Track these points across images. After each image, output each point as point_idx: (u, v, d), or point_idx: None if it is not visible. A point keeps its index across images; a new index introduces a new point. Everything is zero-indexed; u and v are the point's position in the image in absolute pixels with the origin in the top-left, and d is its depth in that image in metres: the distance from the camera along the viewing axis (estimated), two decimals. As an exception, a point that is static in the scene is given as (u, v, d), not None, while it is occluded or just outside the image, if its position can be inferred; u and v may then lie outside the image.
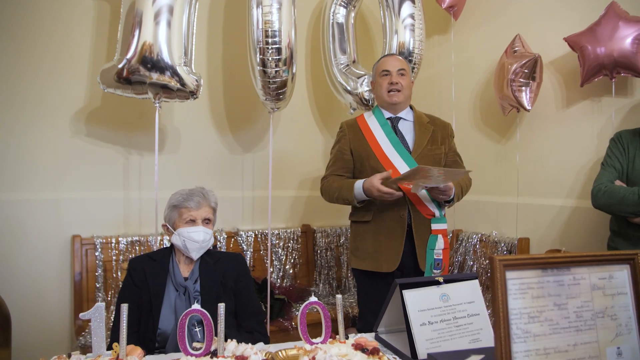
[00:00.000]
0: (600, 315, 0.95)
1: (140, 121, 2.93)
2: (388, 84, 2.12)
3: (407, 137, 2.14)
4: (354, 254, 2.18)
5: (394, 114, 2.17)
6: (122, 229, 2.89)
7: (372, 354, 1.17)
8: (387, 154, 2.08)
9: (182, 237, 1.67)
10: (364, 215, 2.12)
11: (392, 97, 2.13)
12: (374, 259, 2.07)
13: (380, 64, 2.20)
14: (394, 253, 2.05)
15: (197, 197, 1.72)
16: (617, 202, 1.91)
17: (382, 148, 2.10)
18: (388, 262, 2.04)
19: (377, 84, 2.18)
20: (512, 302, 0.90)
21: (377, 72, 2.20)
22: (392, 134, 2.12)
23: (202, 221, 1.71)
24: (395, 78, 2.12)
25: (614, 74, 2.20)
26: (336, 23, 3.13)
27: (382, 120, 2.15)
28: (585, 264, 0.95)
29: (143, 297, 1.64)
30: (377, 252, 2.07)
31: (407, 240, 2.06)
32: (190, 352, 1.17)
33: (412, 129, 2.17)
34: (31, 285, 2.61)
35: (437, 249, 2.06)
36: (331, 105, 3.62)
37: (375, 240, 2.08)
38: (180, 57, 2.27)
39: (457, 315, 1.38)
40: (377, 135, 2.13)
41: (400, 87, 2.12)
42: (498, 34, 2.86)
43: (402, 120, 2.18)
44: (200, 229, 1.68)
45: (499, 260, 0.89)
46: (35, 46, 2.67)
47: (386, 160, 2.07)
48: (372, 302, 2.07)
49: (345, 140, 2.20)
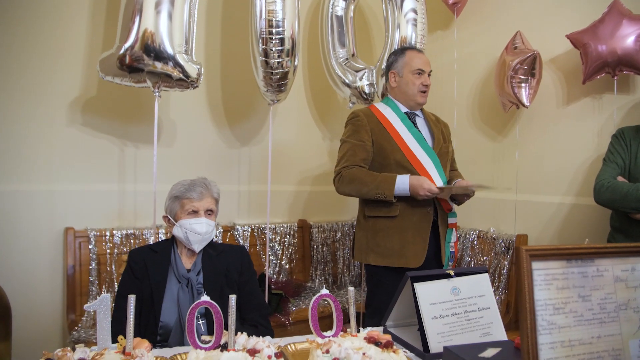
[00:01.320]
0: (623, 307, 0.94)
1: (136, 112, 2.87)
2: (422, 84, 2.08)
3: (423, 132, 2.11)
4: (373, 250, 2.08)
5: (411, 110, 2.14)
6: (117, 222, 2.83)
7: (386, 347, 1.15)
8: (412, 148, 2.04)
9: (184, 228, 1.63)
10: (390, 211, 2.04)
11: (423, 98, 2.11)
12: (400, 255, 2.03)
13: (414, 60, 2.10)
14: (420, 248, 2.03)
15: (200, 188, 1.68)
16: (620, 198, 1.92)
17: (406, 141, 2.05)
18: (415, 256, 2.02)
19: (407, 80, 2.09)
20: (538, 293, 0.88)
21: (407, 66, 2.10)
22: (414, 129, 2.08)
23: (205, 212, 1.67)
24: (428, 80, 2.10)
25: (616, 72, 2.21)
26: (335, 16, 3.10)
27: (400, 114, 2.10)
28: (608, 255, 0.94)
29: (144, 290, 1.60)
30: (404, 247, 2.03)
31: (432, 234, 2.06)
32: (200, 345, 1.14)
33: (425, 125, 2.15)
34: (23, 279, 2.54)
35: (452, 242, 2.09)
36: (328, 99, 3.59)
37: (401, 236, 2.03)
38: (181, 45, 2.22)
39: (468, 309, 1.37)
40: (398, 128, 2.07)
41: (428, 89, 2.11)
42: (500, 30, 2.86)
43: (417, 116, 2.16)
44: (202, 220, 1.64)
45: (525, 250, 0.87)
46: (29, 35, 2.59)
47: (412, 156, 2.03)
48: (391, 298, 2.06)
49: (366, 130, 2.08)
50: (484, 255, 2.88)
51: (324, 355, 1.10)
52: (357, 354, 1.06)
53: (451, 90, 3.18)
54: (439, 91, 3.33)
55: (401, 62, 2.13)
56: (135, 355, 1.03)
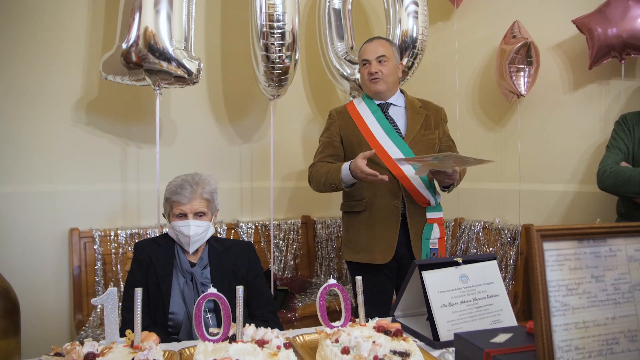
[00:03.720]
0: (638, 287, 0.92)
1: (138, 112, 2.87)
2: (368, 73, 2.05)
3: (398, 122, 2.07)
4: (347, 246, 2.10)
5: (383, 101, 2.10)
6: (121, 222, 2.83)
7: (396, 335, 1.14)
8: (379, 140, 2.01)
9: (175, 230, 1.62)
10: (356, 205, 2.05)
11: (374, 86, 2.05)
12: (368, 251, 2.00)
13: (361, 52, 2.10)
14: (388, 244, 1.98)
15: (187, 190, 1.63)
16: (623, 183, 1.90)
17: (374, 134, 2.03)
18: (382, 253, 1.98)
19: (360, 73, 2.13)
20: (550, 274, 0.87)
21: (359, 60, 2.12)
22: (384, 120, 2.05)
23: (194, 215, 1.63)
24: (375, 67, 2.03)
25: (623, 55, 2.19)
26: (332, 9, 3.09)
27: (372, 106, 2.09)
28: (621, 235, 0.93)
29: (150, 279, 1.60)
30: (371, 243, 2.00)
31: (402, 229, 1.99)
32: (208, 337, 1.13)
33: (403, 114, 2.10)
34: (29, 280, 2.54)
35: (433, 239, 2.01)
36: (328, 93, 3.58)
37: (368, 231, 2.01)
38: (180, 41, 2.21)
39: (477, 297, 1.36)
40: (368, 122, 2.06)
41: (380, 75, 2.03)
42: (500, 19, 2.84)
43: (393, 105, 2.10)
44: (190, 223, 1.60)
45: (536, 230, 0.86)
46: (31, 36, 2.59)
47: (378, 147, 1.99)
48: (368, 294, 2.02)
49: (335, 127, 2.13)
50: (490, 246, 2.86)
51: (333, 345, 1.09)
52: (367, 342, 1.05)
53: (453, 81, 3.16)
54: (441, 82, 3.32)
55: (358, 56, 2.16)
56: (143, 348, 1.02)
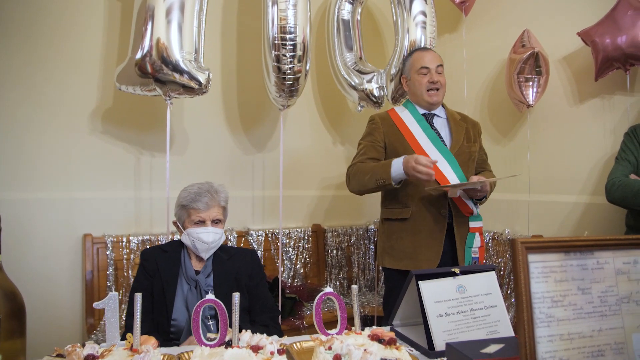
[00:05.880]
0: (626, 300, 0.92)
1: (151, 121, 2.95)
2: (428, 82, 2.04)
3: (442, 133, 2.09)
4: (388, 253, 2.08)
5: (428, 111, 2.11)
6: (133, 228, 2.90)
7: (389, 344, 1.15)
8: (425, 149, 2.00)
9: (192, 237, 1.66)
10: (401, 213, 2.04)
11: (432, 97, 2.06)
12: (413, 258, 2.00)
13: (417, 59, 2.09)
14: (434, 252, 1.99)
15: (206, 198, 1.68)
16: (632, 196, 1.88)
17: (420, 143, 2.03)
18: (428, 260, 1.98)
19: (414, 81, 2.09)
20: (535, 286, 0.87)
21: (412, 67, 2.10)
22: (430, 130, 2.05)
23: (212, 222, 1.68)
24: (435, 76, 2.05)
25: (627, 66, 2.17)
26: (341, 19, 3.13)
27: (417, 115, 2.09)
28: (609, 248, 0.93)
29: (156, 286, 1.64)
30: (417, 251, 2.00)
31: (446, 238, 2.01)
32: (205, 342, 1.16)
33: (446, 125, 2.12)
34: (42, 284, 2.62)
35: (475, 247, 2.02)
36: (338, 103, 3.61)
37: (414, 239, 2.01)
38: (190, 52, 2.28)
39: (474, 307, 1.36)
40: (414, 130, 2.05)
41: (439, 85, 2.06)
42: (509, 29, 2.84)
43: (436, 116, 2.13)
44: (209, 230, 1.66)
45: (520, 242, 0.87)
46: (48, 46, 2.69)
47: (425, 156, 1.97)
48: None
49: (379, 133, 2.10)
50: (499, 257, 2.84)
51: (326, 352, 1.11)
52: (358, 350, 1.07)
53: (461, 91, 3.16)
54: (450, 92, 3.31)
55: (408, 65, 2.15)
56: (141, 351, 1.06)
